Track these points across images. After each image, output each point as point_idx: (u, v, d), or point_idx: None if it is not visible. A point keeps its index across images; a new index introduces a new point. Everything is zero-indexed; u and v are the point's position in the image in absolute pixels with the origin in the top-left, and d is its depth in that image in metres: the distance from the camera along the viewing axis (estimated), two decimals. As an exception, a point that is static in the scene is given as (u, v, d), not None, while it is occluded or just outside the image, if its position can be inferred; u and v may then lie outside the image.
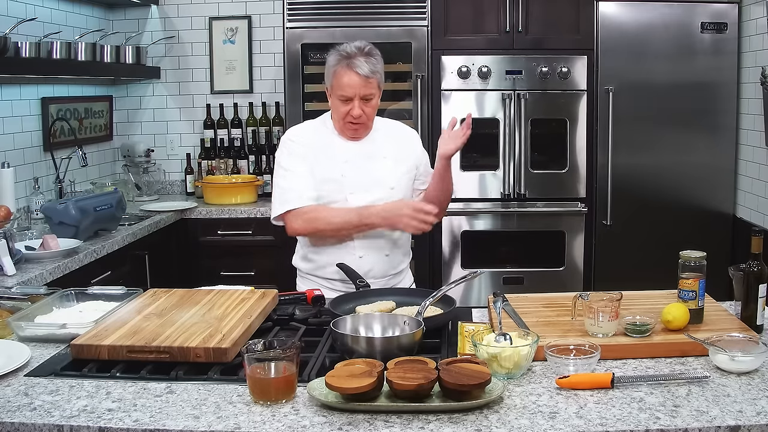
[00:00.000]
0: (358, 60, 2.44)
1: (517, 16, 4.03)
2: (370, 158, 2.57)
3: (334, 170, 2.54)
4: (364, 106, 2.49)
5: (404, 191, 2.61)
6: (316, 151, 2.57)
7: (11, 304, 2.19)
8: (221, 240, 4.21)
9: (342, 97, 2.48)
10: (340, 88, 2.47)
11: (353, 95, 2.46)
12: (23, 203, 3.76)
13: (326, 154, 2.56)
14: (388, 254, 2.59)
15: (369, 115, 2.53)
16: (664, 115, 4.06)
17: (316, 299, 2.28)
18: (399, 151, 2.63)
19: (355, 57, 2.45)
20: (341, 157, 2.56)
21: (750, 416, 1.49)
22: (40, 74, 3.76)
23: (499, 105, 4.07)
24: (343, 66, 2.46)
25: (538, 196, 4.12)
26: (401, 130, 2.73)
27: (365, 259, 2.55)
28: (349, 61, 2.45)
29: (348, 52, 2.47)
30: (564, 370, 1.68)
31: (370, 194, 2.53)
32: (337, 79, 2.48)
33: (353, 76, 2.44)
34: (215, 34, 4.77)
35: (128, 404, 1.59)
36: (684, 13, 4.00)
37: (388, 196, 2.54)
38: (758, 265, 1.96)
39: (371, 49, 2.51)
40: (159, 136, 4.86)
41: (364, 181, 2.55)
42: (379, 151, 2.60)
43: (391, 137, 2.64)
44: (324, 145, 2.57)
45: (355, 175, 2.54)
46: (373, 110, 2.54)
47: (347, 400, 1.53)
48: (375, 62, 2.48)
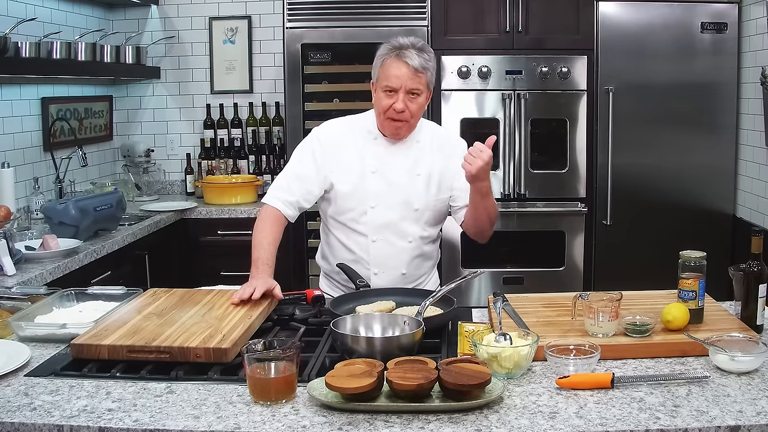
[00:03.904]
0: (410, 52, 2.34)
1: (517, 16, 4.03)
2: (402, 173, 2.46)
3: (359, 179, 2.44)
4: (409, 101, 2.36)
5: (431, 213, 2.49)
6: (344, 153, 2.46)
7: (11, 304, 2.19)
8: (221, 240, 4.21)
9: (387, 87, 2.35)
10: (386, 79, 2.35)
11: (399, 87, 2.33)
12: (23, 203, 3.76)
13: (355, 159, 2.46)
14: (405, 273, 2.50)
15: (413, 113, 2.39)
16: (664, 115, 4.06)
17: (316, 299, 2.28)
18: (437, 167, 2.48)
19: (407, 49, 2.35)
20: (370, 166, 2.45)
21: (750, 416, 1.49)
22: (40, 74, 3.76)
23: (499, 105, 4.07)
24: (392, 56, 2.35)
25: (538, 196, 4.12)
26: (446, 141, 2.55)
27: (380, 276, 2.48)
28: (401, 52, 2.34)
29: (400, 44, 2.37)
30: (564, 370, 1.68)
31: (392, 212, 2.45)
32: (384, 70, 2.37)
33: (402, 67, 2.33)
34: (215, 34, 4.77)
35: (128, 404, 1.58)
36: (684, 13, 4.00)
37: (412, 217, 2.46)
38: (758, 265, 1.96)
39: (424, 45, 2.40)
40: (159, 136, 4.86)
41: (389, 197, 2.45)
42: (414, 166, 2.47)
43: (432, 150, 2.49)
44: (355, 150, 2.47)
45: (381, 188, 2.44)
46: (419, 108, 2.40)
47: (347, 400, 1.53)
48: (427, 58, 2.37)
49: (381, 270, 2.48)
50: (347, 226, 2.49)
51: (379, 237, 2.46)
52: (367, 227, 2.46)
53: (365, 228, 2.46)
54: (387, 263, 2.48)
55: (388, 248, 2.47)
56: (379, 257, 2.47)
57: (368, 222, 2.45)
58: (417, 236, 2.49)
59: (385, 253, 2.47)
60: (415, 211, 2.46)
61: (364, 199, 2.44)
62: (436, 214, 2.51)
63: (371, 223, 2.45)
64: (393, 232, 2.46)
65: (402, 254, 2.48)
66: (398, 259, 2.48)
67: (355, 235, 2.48)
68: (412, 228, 2.47)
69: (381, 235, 2.46)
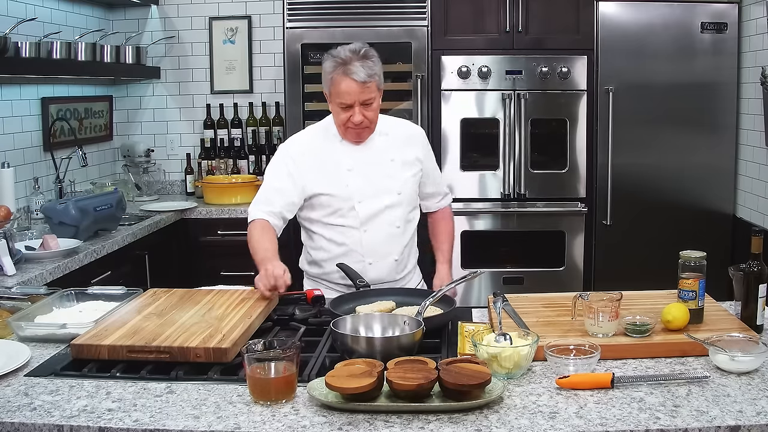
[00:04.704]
0: (354, 66, 2.36)
1: (517, 16, 4.03)
2: (375, 163, 2.53)
3: (339, 181, 2.49)
4: (365, 110, 2.42)
5: (411, 195, 2.58)
6: (317, 161, 2.51)
7: (11, 304, 2.19)
8: (221, 240, 4.20)
9: (341, 104, 2.41)
10: (338, 96, 2.40)
11: (353, 102, 2.39)
12: (23, 203, 3.76)
13: (329, 163, 2.51)
14: (397, 259, 2.56)
15: (371, 119, 2.46)
16: (664, 115, 4.06)
17: (316, 299, 2.28)
18: (405, 152, 2.58)
19: (350, 62, 2.37)
20: (345, 165, 2.51)
21: (750, 416, 1.49)
22: (40, 74, 3.75)
23: (499, 105, 4.07)
24: (339, 73, 2.38)
25: (538, 196, 4.12)
26: (406, 128, 2.67)
27: (375, 266, 2.52)
28: (345, 68, 2.37)
29: (343, 58, 2.38)
30: (564, 370, 1.68)
31: (378, 201, 2.51)
32: (334, 87, 2.40)
33: (350, 83, 2.36)
34: (215, 34, 4.77)
35: (128, 404, 1.58)
36: (684, 13, 4.00)
37: (396, 202, 2.53)
38: (758, 265, 1.96)
39: (367, 51, 2.42)
40: (159, 136, 4.86)
41: (371, 189, 2.51)
42: (385, 154, 2.55)
43: (396, 137, 2.59)
44: (326, 155, 2.52)
45: (361, 183, 2.50)
46: (375, 113, 2.47)
47: (347, 400, 1.53)
48: (372, 65, 2.40)
49: (375, 259, 2.52)
50: (335, 224, 2.52)
51: (369, 226, 2.51)
52: (357, 220, 2.50)
53: (354, 221, 2.51)
54: (379, 250, 2.52)
55: (378, 235, 2.52)
56: (372, 245, 2.52)
57: (357, 215, 2.50)
58: (403, 220, 2.56)
59: (377, 240, 2.52)
60: (398, 195, 2.54)
61: (348, 197, 2.50)
62: (414, 194, 2.61)
63: (360, 216, 2.50)
64: (382, 219, 2.52)
65: (392, 239, 2.54)
66: (390, 246, 2.54)
67: (344, 229, 2.52)
68: (398, 212, 2.54)
69: (371, 224, 2.51)
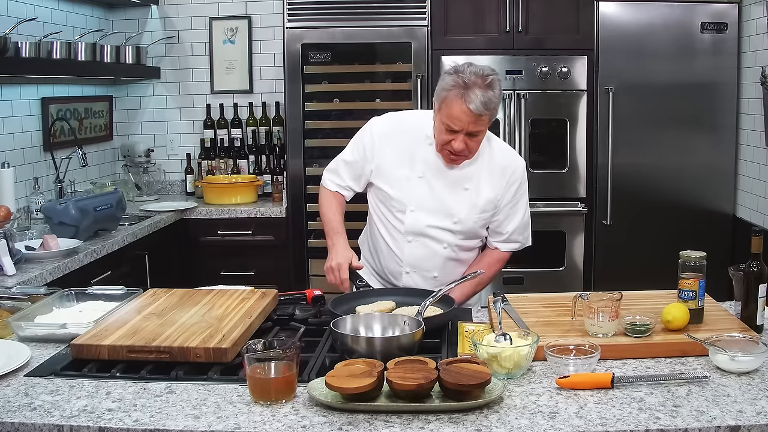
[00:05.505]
0: (474, 93, 2.18)
1: (517, 16, 4.03)
2: (449, 183, 2.40)
3: (402, 182, 2.41)
4: (469, 140, 2.26)
5: (471, 228, 2.44)
6: (395, 152, 2.42)
7: (11, 304, 2.19)
8: (221, 240, 4.21)
9: (447, 127, 2.25)
10: (447, 117, 2.23)
11: (460, 129, 2.23)
12: (23, 203, 3.76)
13: (405, 160, 2.42)
14: (437, 276, 2.46)
15: (472, 150, 2.30)
16: (664, 115, 4.06)
17: (316, 299, 2.29)
18: (487, 183, 2.40)
19: (472, 87, 2.19)
20: (418, 170, 2.40)
21: (750, 416, 1.49)
22: (40, 74, 3.76)
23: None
24: (456, 95, 2.20)
25: (538, 196, 4.11)
26: (503, 158, 2.45)
27: (411, 276, 2.47)
28: (465, 93, 2.19)
29: (466, 81, 2.20)
30: (564, 370, 1.68)
31: (431, 218, 2.41)
32: (446, 106, 2.23)
33: (465, 110, 2.19)
34: (215, 34, 4.77)
35: (128, 404, 1.59)
36: (684, 13, 4.00)
37: (451, 227, 2.42)
38: (758, 265, 1.96)
39: (493, 80, 2.22)
40: (159, 136, 4.86)
41: (430, 204, 2.40)
42: (464, 178, 2.40)
43: (487, 165, 2.41)
44: (406, 149, 2.42)
45: (422, 193, 2.40)
46: (478, 144, 2.31)
47: (347, 400, 1.53)
48: (492, 96, 2.21)
49: (413, 270, 2.48)
50: (387, 219, 2.48)
51: (414, 238, 2.45)
52: (405, 226, 2.44)
53: (403, 226, 2.45)
54: (420, 265, 2.47)
55: (422, 250, 2.45)
56: (413, 258, 2.46)
57: (406, 222, 2.44)
58: (453, 243, 2.46)
59: (419, 254, 2.46)
60: (455, 223, 2.43)
61: (404, 200, 2.43)
62: (476, 228, 2.45)
63: (408, 224, 2.44)
64: (429, 236, 2.44)
65: (435, 258, 2.46)
66: (431, 262, 2.46)
67: (393, 230, 2.48)
68: (448, 237, 2.45)
69: (416, 237, 2.45)
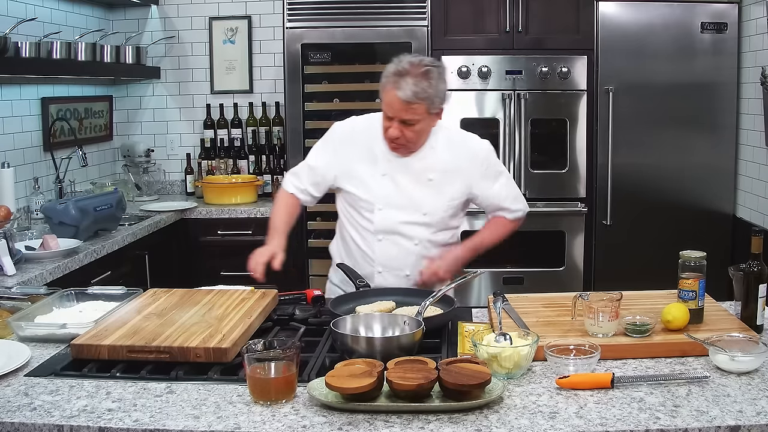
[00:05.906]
0: (406, 81, 2.24)
1: (517, 16, 4.03)
2: (412, 177, 2.43)
3: (367, 182, 2.44)
4: (405, 128, 2.31)
5: (441, 219, 2.46)
6: (357, 153, 2.46)
7: (11, 304, 2.19)
8: (221, 240, 4.21)
9: (385, 113, 2.34)
10: (384, 104, 2.32)
11: (393, 116, 2.30)
12: (23, 203, 3.76)
13: (368, 158, 2.45)
14: (409, 274, 2.47)
15: (410, 139, 2.35)
16: (664, 115, 4.06)
17: (316, 299, 2.29)
18: (451, 172, 2.44)
19: (405, 76, 2.25)
20: (381, 168, 2.44)
21: (750, 416, 1.49)
22: (40, 74, 3.76)
23: (499, 105, 4.06)
24: (390, 82, 2.28)
25: (538, 196, 4.12)
26: (465, 145, 2.49)
27: (384, 275, 2.48)
28: (398, 80, 2.26)
29: (399, 70, 2.27)
30: (564, 370, 1.68)
31: (401, 214, 2.43)
32: (384, 94, 2.31)
33: (395, 98, 2.26)
34: (215, 34, 4.77)
35: (128, 404, 1.59)
36: (684, 13, 4.00)
37: (420, 221, 2.44)
38: (758, 265, 1.96)
39: (430, 70, 2.27)
40: (159, 136, 4.86)
41: (398, 200, 2.43)
42: (427, 169, 2.43)
43: (448, 153, 2.44)
44: (369, 149, 2.45)
45: (389, 191, 2.43)
46: (417, 134, 2.34)
47: (347, 400, 1.53)
48: (426, 86, 2.25)
49: (385, 269, 2.48)
50: (356, 220, 2.50)
51: (385, 237, 2.46)
52: (374, 226, 2.46)
53: (372, 226, 2.47)
54: (391, 263, 2.48)
55: (393, 248, 2.47)
56: (384, 257, 2.47)
57: (375, 221, 2.46)
58: (424, 239, 2.48)
59: (390, 253, 2.47)
60: (424, 215, 2.45)
61: (371, 199, 2.45)
62: (447, 218, 2.48)
63: (378, 223, 2.46)
64: (399, 233, 2.46)
65: (407, 256, 2.47)
66: (403, 261, 2.48)
67: (363, 231, 2.49)
68: (419, 231, 2.46)
69: (387, 235, 2.46)
